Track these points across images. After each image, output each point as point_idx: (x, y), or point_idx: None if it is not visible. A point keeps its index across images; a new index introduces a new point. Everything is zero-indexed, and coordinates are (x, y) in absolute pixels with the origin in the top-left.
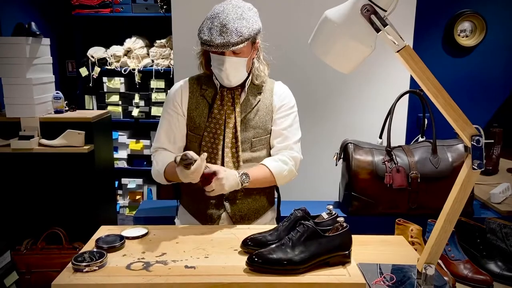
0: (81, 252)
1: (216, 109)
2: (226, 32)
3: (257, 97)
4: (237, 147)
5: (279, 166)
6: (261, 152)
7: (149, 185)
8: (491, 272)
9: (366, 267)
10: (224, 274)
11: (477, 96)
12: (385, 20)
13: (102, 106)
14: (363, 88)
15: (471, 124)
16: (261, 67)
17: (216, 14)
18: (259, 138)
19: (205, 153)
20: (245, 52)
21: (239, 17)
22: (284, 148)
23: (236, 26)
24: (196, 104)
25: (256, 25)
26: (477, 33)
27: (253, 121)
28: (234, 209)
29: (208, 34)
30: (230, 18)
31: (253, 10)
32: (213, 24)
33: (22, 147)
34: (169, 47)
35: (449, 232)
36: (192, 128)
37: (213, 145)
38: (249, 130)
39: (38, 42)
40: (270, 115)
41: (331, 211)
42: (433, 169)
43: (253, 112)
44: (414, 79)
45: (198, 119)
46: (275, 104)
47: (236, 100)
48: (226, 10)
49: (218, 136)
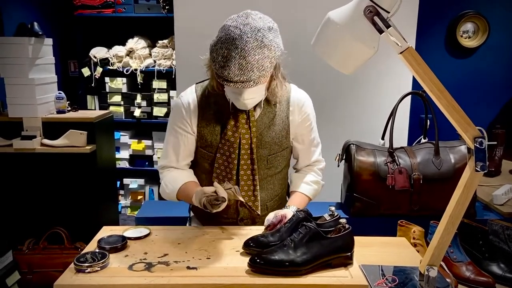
0: (83, 252)
1: (230, 131)
2: (246, 68)
3: (273, 110)
4: (253, 170)
5: (314, 189)
6: (277, 168)
7: (151, 185)
8: (494, 274)
9: (368, 268)
10: (226, 275)
11: (479, 97)
12: (388, 22)
13: (104, 106)
14: (365, 89)
15: (474, 126)
16: (279, 86)
17: (232, 40)
18: (274, 155)
19: (236, 187)
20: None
21: (259, 45)
22: (313, 163)
23: (258, 58)
24: (207, 121)
25: (278, 50)
26: (479, 34)
27: (269, 138)
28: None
29: (225, 67)
30: (249, 48)
31: (274, 29)
32: (230, 54)
33: (24, 147)
34: (171, 47)
35: (452, 234)
36: (203, 146)
37: (226, 169)
38: (264, 147)
39: (40, 42)
40: (286, 130)
41: (333, 212)
42: (436, 170)
43: (269, 128)
44: (417, 80)
45: (209, 137)
46: (293, 118)
47: (251, 118)
48: (244, 36)
49: (232, 161)
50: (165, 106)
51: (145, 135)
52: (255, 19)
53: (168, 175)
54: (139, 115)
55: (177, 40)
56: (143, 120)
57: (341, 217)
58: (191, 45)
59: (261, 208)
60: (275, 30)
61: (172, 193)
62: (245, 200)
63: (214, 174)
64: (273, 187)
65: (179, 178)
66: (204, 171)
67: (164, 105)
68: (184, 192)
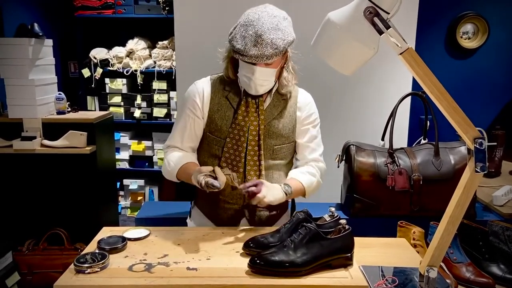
0: (83, 253)
1: (241, 115)
2: (262, 44)
3: (282, 103)
4: (260, 155)
5: (309, 178)
6: (282, 161)
7: (150, 186)
8: (494, 275)
9: (368, 269)
10: (226, 276)
11: (479, 98)
12: (387, 23)
13: (104, 107)
14: (365, 90)
15: (474, 127)
16: (289, 77)
17: (250, 21)
18: (280, 146)
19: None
20: (277, 62)
21: (274, 27)
22: (312, 161)
23: (272, 38)
24: (219, 106)
25: (290, 36)
26: (479, 35)
27: (277, 129)
28: (253, 216)
29: (242, 43)
30: (265, 28)
31: (288, 20)
32: (247, 32)
33: (25, 147)
34: (171, 48)
35: (452, 234)
36: (212, 130)
37: (235, 152)
38: (272, 138)
39: (40, 43)
40: (293, 124)
41: (333, 213)
42: (436, 171)
43: (277, 119)
44: (417, 81)
45: (220, 121)
46: (300, 114)
47: (260, 107)
48: (262, 18)
49: (241, 144)
50: (165, 107)
51: (145, 136)
52: (272, 9)
53: (171, 154)
54: (139, 116)
55: (177, 41)
56: (143, 121)
57: (341, 218)
58: (191, 46)
59: None
60: (289, 21)
61: (173, 171)
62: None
63: (222, 158)
64: (278, 178)
65: (181, 157)
66: (214, 156)
67: (164, 106)
68: (184, 171)
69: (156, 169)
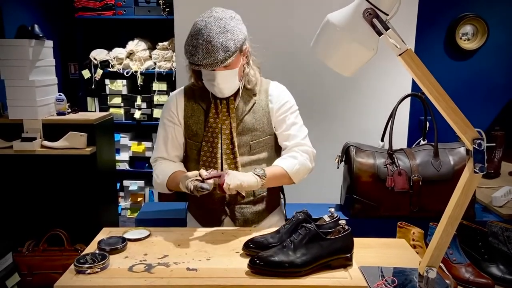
0: (84, 254)
1: (212, 118)
2: (212, 50)
3: (252, 99)
4: (234, 153)
5: (289, 161)
6: (260, 155)
7: (150, 187)
8: (493, 275)
9: (368, 270)
10: (226, 277)
11: (478, 99)
12: (387, 24)
13: (104, 108)
14: (365, 91)
15: (472, 128)
16: (252, 72)
17: (198, 30)
18: (257, 141)
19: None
20: (235, 63)
21: (222, 30)
22: (295, 146)
23: (221, 41)
24: (192, 112)
25: (241, 34)
26: (478, 37)
27: (250, 124)
28: (235, 214)
29: (194, 54)
30: (213, 34)
31: (236, 18)
32: (197, 42)
33: (25, 148)
34: (171, 49)
35: (451, 235)
36: (190, 136)
37: (211, 154)
38: (246, 134)
39: (41, 44)
40: (267, 117)
41: (333, 213)
42: (435, 172)
43: (249, 115)
44: (416, 82)
45: (195, 126)
46: (272, 106)
47: (231, 106)
48: (209, 24)
49: (216, 145)
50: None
51: (145, 137)
52: (218, 11)
53: (159, 167)
54: (139, 117)
55: (177, 42)
56: (143, 122)
57: (340, 219)
58: None
59: (247, 193)
60: (237, 19)
61: (162, 183)
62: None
63: (200, 162)
64: None
65: (168, 168)
66: (192, 160)
67: None
68: (173, 180)
69: None
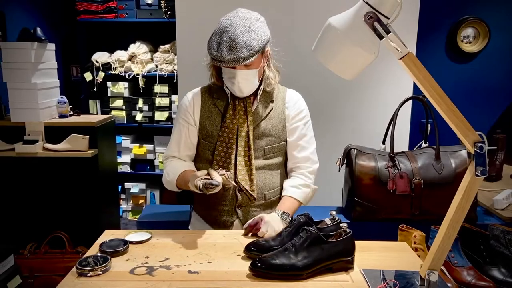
0: (85, 256)
1: (229, 119)
2: (236, 47)
3: (270, 105)
4: (250, 156)
5: (304, 192)
6: (273, 160)
7: (152, 189)
8: (494, 278)
9: (369, 273)
10: (227, 279)
11: (480, 102)
12: (388, 27)
13: (106, 111)
14: (366, 94)
15: (474, 131)
16: (272, 75)
17: (224, 28)
18: (272, 146)
19: (229, 172)
20: (256, 63)
21: (247, 29)
22: (303, 161)
23: (245, 40)
24: (208, 113)
25: (264, 35)
26: (480, 39)
27: (266, 129)
28: (246, 216)
29: (217, 50)
30: (238, 32)
31: (261, 20)
32: (221, 39)
33: (27, 151)
34: (173, 52)
35: (453, 238)
36: (205, 136)
37: (226, 154)
38: (262, 138)
39: (43, 47)
40: (282, 123)
41: (334, 216)
42: (436, 175)
43: (265, 120)
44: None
45: (210, 127)
46: (288, 113)
47: (248, 109)
48: (234, 23)
49: (231, 145)
50: (166, 110)
51: (146, 139)
52: (244, 12)
53: (170, 165)
54: (141, 119)
55: (179, 45)
56: (144, 124)
57: (342, 222)
58: (193, 50)
59: (259, 196)
60: (262, 21)
61: (172, 180)
62: (242, 184)
63: (214, 161)
64: (271, 178)
65: (179, 167)
66: (206, 160)
67: (166, 109)
68: (182, 179)
69: (157, 173)
